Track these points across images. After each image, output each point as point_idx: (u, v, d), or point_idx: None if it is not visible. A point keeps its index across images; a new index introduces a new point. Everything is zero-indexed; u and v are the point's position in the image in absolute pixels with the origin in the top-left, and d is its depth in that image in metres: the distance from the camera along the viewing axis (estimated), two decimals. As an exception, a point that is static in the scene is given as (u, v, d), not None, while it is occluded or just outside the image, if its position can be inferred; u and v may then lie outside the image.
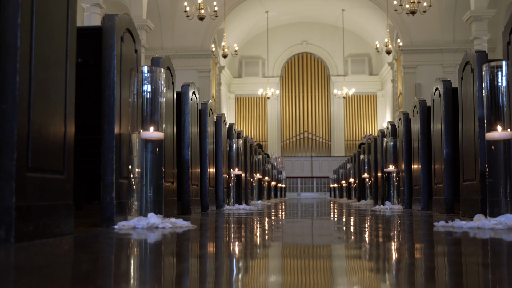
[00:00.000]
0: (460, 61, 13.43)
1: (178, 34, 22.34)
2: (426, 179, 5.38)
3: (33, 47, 2.03)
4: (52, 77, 2.20)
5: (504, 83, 2.91)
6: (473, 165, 3.83)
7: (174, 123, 4.39)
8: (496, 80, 2.95)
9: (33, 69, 2.04)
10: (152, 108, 3.05)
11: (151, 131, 3.04)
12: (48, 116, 2.18)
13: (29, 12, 2.01)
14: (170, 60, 4.16)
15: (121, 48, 2.97)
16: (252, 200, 9.15)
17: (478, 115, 3.66)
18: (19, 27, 1.93)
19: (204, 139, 5.56)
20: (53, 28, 2.21)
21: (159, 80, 3.04)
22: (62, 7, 2.30)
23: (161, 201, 3.12)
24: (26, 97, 1.98)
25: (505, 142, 2.92)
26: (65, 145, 2.32)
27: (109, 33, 2.87)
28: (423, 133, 5.40)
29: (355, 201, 10.98)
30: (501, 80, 2.91)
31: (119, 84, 2.96)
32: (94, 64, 3.05)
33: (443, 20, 21.85)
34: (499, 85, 2.92)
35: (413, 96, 22.08)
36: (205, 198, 5.52)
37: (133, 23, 3.19)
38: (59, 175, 2.27)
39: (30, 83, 2.03)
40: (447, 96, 4.55)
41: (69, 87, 2.30)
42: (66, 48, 2.30)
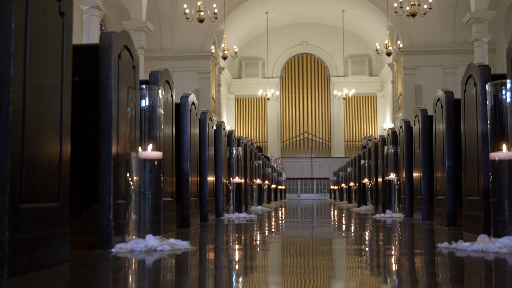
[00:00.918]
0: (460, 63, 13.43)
1: (178, 35, 22.29)
2: (427, 190, 5.32)
3: (27, 75, 1.98)
4: (47, 104, 2.15)
5: (509, 102, 2.85)
6: (476, 180, 3.78)
7: (173, 135, 4.34)
8: (500, 99, 2.89)
9: (27, 98, 1.98)
10: (150, 127, 3.00)
11: (149, 150, 2.99)
12: (43, 144, 2.13)
13: (23, 39, 1.95)
14: (169, 73, 4.11)
15: (118, 66, 2.92)
16: (252, 206, 9.11)
17: (481, 130, 3.61)
18: (12, 55, 1.88)
19: (204, 149, 5.51)
20: (48, 54, 2.16)
21: (157, 99, 2.99)
22: (57, 31, 2.25)
23: (159, 220, 3.06)
24: (20, 127, 1.93)
25: (510, 162, 2.86)
26: (60, 171, 2.27)
27: (106, 51, 2.82)
28: (425, 143, 5.35)
29: (355, 206, 10.93)
30: (505, 99, 2.86)
31: (117, 103, 2.91)
32: (91, 82, 2.99)
33: (443, 21, 21.80)
34: (503, 104, 2.87)
35: (413, 97, 22.05)
36: (205, 209, 5.47)
37: (131, 39, 3.13)
38: (55, 202, 2.22)
39: (23, 112, 1.98)
40: (449, 108, 4.50)
41: (64, 113, 2.25)
42: (62, 73, 2.24)
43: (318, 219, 6.95)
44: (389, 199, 6.61)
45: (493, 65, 21.40)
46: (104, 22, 21.10)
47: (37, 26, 2.07)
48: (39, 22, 2.09)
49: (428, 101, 21.85)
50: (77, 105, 3.02)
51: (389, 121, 26.15)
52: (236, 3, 22.22)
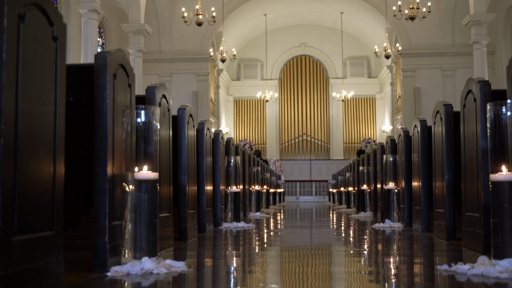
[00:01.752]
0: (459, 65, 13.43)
1: (176, 38, 22.25)
2: (426, 201, 5.29)
3: (19, 105, 1.94)
4: (40, 132, 2.11)
5: (509, 123, 2.82)
6: (475, 197, 3.75)
7: (170, 148, 4.31)
8: (500, 119, 2.86)
9: (19, 127, 1.95)
10: (146, 147, 2.96)
11: (145, 170, 2.96)
12: (36, 172, 2.10)
13: (14, 69, 1.92)
14: (165, 87, 4.07)
15: (113, 85, 2.88)
16: (250, 212, 9.08)
17: (481, 146, 3.58)
18: (3, 87, 1.84)
19: (202, 160, 5.47)
20: (41, 80, 2.12)
21: (153, 118, 2.95)
22: (50, 57, 2.21)
23: (155, 240, 3.03)
24: (12, 158, 1.89)
25: (510, 184, 2.83)
26: (53, 198, 2.24)
27: (101, 72, 2.78)
28: (424, 154, 5.31)
29: (354, 211, 10.90)
30: (505, 120, 2.83)
31: (112, 123, 2.87)
32: (86, 102, 2.96)
33: (442, 24, 21.78)
34: (504, 125, 2.84)
35: (412, 100, 22.03)
36: (202, 220, 5.43)
37: (127, 57, 3.09)
38: (49, 231, 2.19)
39: (15, 141, 1.94)
40: (448, 121, 4.47)
41: (58, 139, 2.21)
42: (55, 99, 2.21)
43: (316, 228, 6.92)
44: (388, 208, 6.58)
45: (492, 67, 21.39)
46: (103, 25, 21.05)
47: (30, 54, 2.04)
48: (31, 50, 2.05)
49: (427, 103, 21.87)
50: (72, 125, 2.99)
51: (388, 123, 26.13)
52: (234, 5, 22.19)
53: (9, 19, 1.88)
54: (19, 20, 1.96)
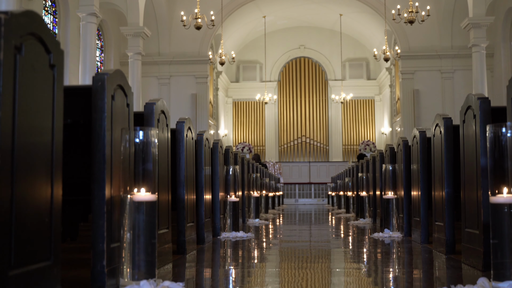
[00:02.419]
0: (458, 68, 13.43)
1: (175, 40, 22.23)
2: (426, 213, 5.28)
3: (16, 137, 1.93)
4: (36, 163, 2.10)
5: (509, 145, 2.81)
6: (475, 214, 3.73)
7: (168, 161, 4.29)
8: (500, 140, 2.85)
9: (15, 162, 1.93)
10: (144, 169, 2.95)
11: (143, 192, 2.94)
12: (32, 203, 2.08)
13: (11, 102, 1.90)
14: (164, 103, 4.06)
15: (112, 107, 2.87)
16: (249, 219, 9.07)
17: (481, 164, 3.56)
18: (0, 120, 1.82)
19: (200, 171, 5.45)
20: (38, 109, 2.11)
21: (151, 140, 2.94)
22: (48, 84, 2.19)
23: (153, 262, 3.01)
24: (9, 194, 1.88)
25: (510, 206, 2.82)
26: (51, 226, 2.22)
27: (99, 94, 2.76)
28: (423, 166, 5.29)
29: (353, 216, 10.89)
30: (505, 142, 2.81)
31: (110, 145, 2.86)
32: (84, 124, 2.94)
33: (441, 26, 21.77)
34: (504, 147, 2.82)
35: (411, 102, 22.02)
36: (201, 231, 5.42)
37: (125, 77, 3.07)
38: (46, 261, 2.17)
39: (12, 173, 1.92)
40: (448, 135, 4.46)
41: (55, 168, 2.20)
42: (52, 128, 2.19)
43: (315, 237, 6.91)
44: (387, 217, 6.57)
45: (491, 69, 21.40)
46: (102, 28, 21.03)
47: (26, 83, 2.02)
48: (28, 80, 2.04)
49: (426, 106, 21.88)
50: (70, 147, 2.97)
51: (387, 125, 26.12)
52: (233, 7, 22.18)
53: (6, 51, 1.87)
54: (15, 52, 1.94)
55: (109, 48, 21.63)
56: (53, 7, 17.53)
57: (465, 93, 21.34)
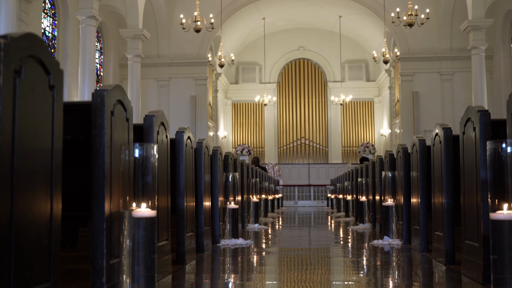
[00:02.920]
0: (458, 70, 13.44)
1: (175, 42, 22.23)
2: (425, 222, 5.28)
3: (15, 160, 1.92)
4: (36, 187, 2.09)
5: (509, 161, 2.80)
6: (475, 226, 3.73)
7: (168, 171, 4.29)
8: (500, 156, 2.84)
9: (15, 182, 1.92)
10: (144, 185, 2.94)
11: (143, 208, 2.93)
12: (32, 230, 2.08)
13: (10, 127, 1.90)
14: (163, 114, 4.05)
15: (111, 123, 2.86)
16: (249, 224, 9.07)
17: (481, 177, 3.56)
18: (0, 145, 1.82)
19: (200, 179, 5.45)
20: (37, 131, 2.10)
21: (150, 156, 2.93)
22: (47, 105, 2.19)
23: (153, 277, 3.00)
24: (7, 225, 1.87)
25: (510, 223, 2.82)
26: (50, 247, 2.21)
27: (98, 110, 2.76)
28: (423, 175, 5.29)
29: (353, 220, 10.89)
30: (505, 158, 2.81)
31: (110, 161, 2.85)
32: (84, 139, 2.93)
33: (441, 28, 21.78)
34: (504, 163, 2.82)
35: (411, 104, 22.02)
36: (201, 240, 5.41)
37: (124, 92, 3.07)
38: (45, 283, 2.16)
39: (12, 195, 1.92)
40: (447, 145, 4.45)
41: (55, 190, 2.19)
42: (52, 150, 2.18)
43: (315, 244, 6.91)
44: (387, 224, 6.56)
45: (490, 71, 21.40)
46: (101, 30, 21.02)
47: (26, 106, 2.02)
48: (27, 102, 2.03)
49: (426, 108, 21.88)
50: (68, 163, 2.97)
51: (386, 126, 26.12)
52: (233, 9, 22.17)
53: (5, 76, 1.86)
54: (15, 75, 1.94)
55: (108, 50, 21.62)
56: (52, 10, 17.52)
57: (464, 95, 21.37)
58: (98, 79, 21.02)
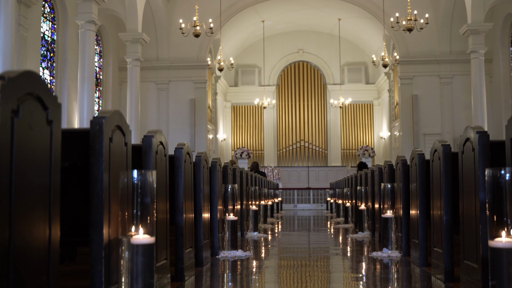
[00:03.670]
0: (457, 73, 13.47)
1: (174, 45, 22.23)
2: (424, 236, 5.27)
3: (13, 199, 1.92)
4: (34, 227, 2.09)
5: (508, 190, 2.80)
6: (474, 246, 3.73)
7: (167, 188, 4.28)
8: (499, 183, 2.84)
9: (13, 226, 1.92)
10: (142, 211, 2.94)
11: (141, 234, 2.93)
12: (30, 269, 2.07)
13: (8, 163, 1.89)
14: (162, 133, 4.05)
15: (109, 149, 2.86)
16: (248, 232, 9.07)
17: (480, 198, 3.56)
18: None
19: (199, 193, 5.44)
20: (35, 169, 2.10)
21: (149, 182, 2.93)
22: (45, 139, 2.18)
23: (152, 302, 3.01)
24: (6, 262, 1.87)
25: (509, 250, 2.81)
26: (48, 279, 2.21)
27: (97, 137, 2.75)
28: (422, 189, 5.29)
29: (352, 227, 10.90)
30: (504, 187, 2.81)
31: (108, 187, 2.85)
32: (82, 166, 2.93)
33: (440, 31, 21.78)
34: (503, 191, 2.82)
35: (410, 107, 22.02)
36: (200, 254, 5.41)
37: (123, 117, 3.06)
38: (43, 318, 2.16)
39: (9, 243, 1.91)
40: (447, 162, 4.45)
41: (53, 231, 2.19)
42: (50, 188, 2.18)
43: (313, 254, 6.91)
44: (386, 236, 6.56)
45: (489, 74, 21.41)
46: (100, 33, 21.00)
47: (23, 144, 2.01)
48: (25, 140, 2.03)
49: (425, 111, 21.88)
50: (67, 190, 2.96)
51: (385, 129, 26.12)
52: (232, 12, 22.17)
53: (3, 117, 1.86)
54: (12, 115, 1.93)
55: (107, 53, 21.61)
56: (51, 14, 17.51)
57: (464, 98, 21.37)
58: (98, 82, 21.01)
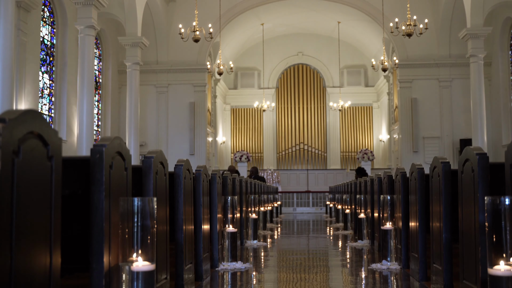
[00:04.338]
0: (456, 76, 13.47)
1: (173, 49, 22.23)
2: (424, 251, 5.28)
3: (14, 234, 1.92)
4: (35, 259, 2.09)
5: (508, 218, 2.81)
6: (473, 267, 3.74)
7: (167, 206, 4.29)
8: (499, 211, 2.85)
9: (14, 260, 1.93)
10: (143, 237, 2.94)
11: (141, 261, 2.94)
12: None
13: (9, 203, 1.90)
14: (162, 154, 4.06)
15: (110, 176, 2.86)
16: (247, 241, 9.08)
17: (480, 220, 3.57)
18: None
19: (199, 208, 5.45)
20: (36, 206, 2.11)
21: (149, 209, 2.93)
22: (46, 175, 2.19)
23: (152, 327, 3.01)
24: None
25: (508, 278, 2.82)
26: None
27: (97, 166, 2.76)
28: (421, 203, 5.30)
29: (351, 234, 10.91)
30: (503, 215, 2.81)
31: (108, 214, 2.85)
32: (82, 194, 2.94)
33: (439, 35, 21.79)
34: (502, 219, 2.83)
35: (409, 111, 22.03)
36: (200, 268, 5.42)
37: (123, 143, 3.07)
38: None
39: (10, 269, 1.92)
40: (446, 181, 4.46)
41: (53, 264, 2.20)
42: (51, 223, 2.19)
43: (313, 262, 6.92)
44: (385, 248, 6.57)
45: (488, 78, 21.42)
46: (100, 36, 21.00)
47: (24, 182, 2.02)
48: (25, 178, 2.03)
49: (424, 114, 21.89)
50: (67, 217, 2.97)
51: (385, 132, 26.13)
52: (231, 15, 22.17)
53: (3, 160, 1.86)
54: (13, 157, 1.94)
55: (107, 56, 21.61)
56: (51, 18, 17.51)
57: (463, 101, 21.37)
58: (97, 86, 21.00)
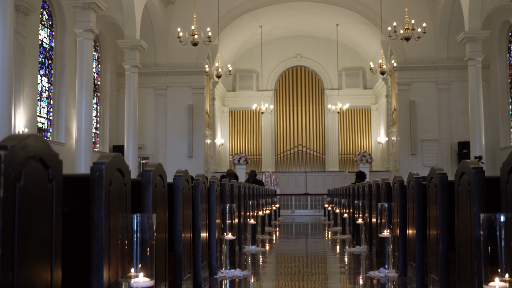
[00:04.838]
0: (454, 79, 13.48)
1: (172, 51, 22.25)
2: (421, 260, 5.32)
3: (15, 268, 1.95)
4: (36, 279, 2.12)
5: (503, 236, 2.84)
6: (469, 279, 3.77)
7: (165, 214, 4.32)
8: (493, 230, 2.88)
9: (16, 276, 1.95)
10: (142, 253, 2.97)
11: (141, 277, 2.97)
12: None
13: (11, 227, 1.92)
14: (162, 166, 4.08)
15: (109, 193, 2.89)
16: (246, 246, 9.11)
17: (476, 234, 3.60)
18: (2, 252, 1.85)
19: (197, 217, 5.48)
20: (37, 229, 2.13)
21: (148, 226, 2.96)
22: (47, 198, 2.22)
23: None
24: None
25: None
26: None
27: (97, 184, 2.79)
28: (419, 213, 5.33)
29: (349, 238, 10.94)
30: (499, 233, 2.85)
31: (108, 231, 2.88)
32: (82, 211, 2.97)
33: (437, 38, 21.84)
34: (497, 237, 2.86)
35: (408, 113, 22.07)
36: (198, 277, 5.45)
37: (123, 160, 3.10)
38: None
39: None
40: (443, 191, 4.49)
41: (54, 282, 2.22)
42: (52, 243, 2.21)
43: (311, 268, 6.96)
44: (383, 255, 6.60)
45: (487, 81, 21.47)
46: (98, 39, 21.02)
47: (25, 205, 2.04)
48: (27, 201, 2.06)
49: (423, 117, 21.94)
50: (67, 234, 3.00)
51: (383, 134, 26.17)
52: (230, 18, 22.20)
53: (6, 187, 1.89)
54: (15, 182, 1.96)
55: (105, 59, 21.63)
56: (49, 21, 17.52)
57: (461, 104, 21.42)
58: (95, 88, 21.02)
